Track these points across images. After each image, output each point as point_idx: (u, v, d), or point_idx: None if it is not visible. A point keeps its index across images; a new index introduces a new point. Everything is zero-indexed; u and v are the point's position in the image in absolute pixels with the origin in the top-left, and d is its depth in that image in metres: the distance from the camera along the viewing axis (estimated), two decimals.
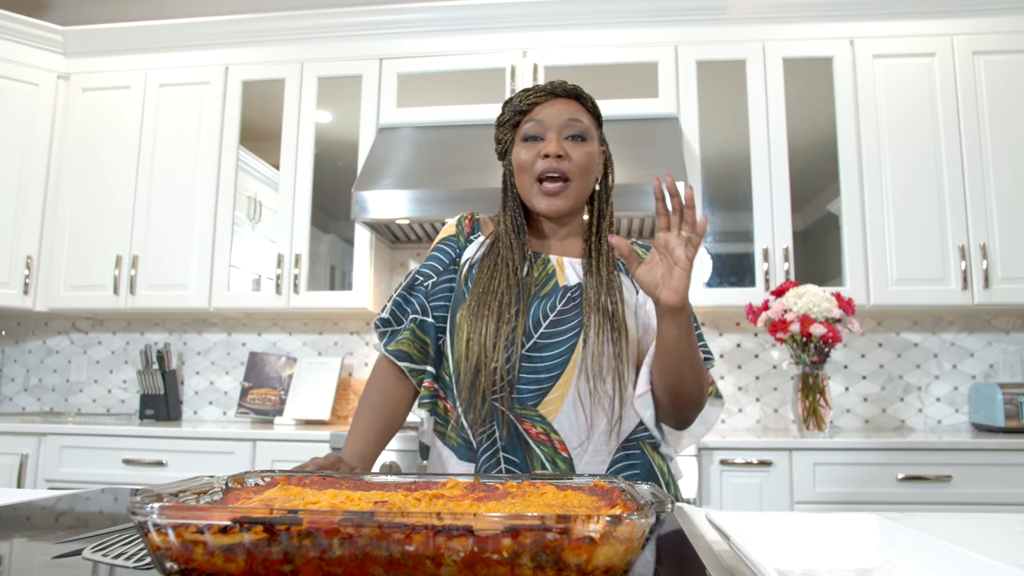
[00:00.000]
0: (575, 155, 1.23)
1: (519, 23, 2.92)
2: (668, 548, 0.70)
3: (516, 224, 1.29)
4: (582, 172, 1.24)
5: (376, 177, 2.70)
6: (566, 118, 1.24)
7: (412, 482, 0.71)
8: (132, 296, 2.97)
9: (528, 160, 1.24)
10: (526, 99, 1.27)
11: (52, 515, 0.88)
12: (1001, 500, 2.24)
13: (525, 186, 1.26)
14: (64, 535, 0.70)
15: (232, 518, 0.49)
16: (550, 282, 1.24)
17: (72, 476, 2.58)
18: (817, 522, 0.76)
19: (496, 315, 1.19)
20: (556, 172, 1.22)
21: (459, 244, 1.34)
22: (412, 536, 0.48)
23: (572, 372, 1.18)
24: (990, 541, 0.79)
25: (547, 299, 1.22)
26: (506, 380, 1.17)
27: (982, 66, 2.73)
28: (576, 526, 0.48)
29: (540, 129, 1.24)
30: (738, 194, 2.76)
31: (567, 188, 1.23)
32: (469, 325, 1.20)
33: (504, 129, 1.31)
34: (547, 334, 1.20)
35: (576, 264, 1.27)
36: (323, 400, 2.93)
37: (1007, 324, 2.92)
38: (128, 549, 0.64)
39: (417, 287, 1.30)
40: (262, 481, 0.70)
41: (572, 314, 1.20)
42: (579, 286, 1.23)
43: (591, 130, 1.27)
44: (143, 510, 0.50)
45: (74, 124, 3.12)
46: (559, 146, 1.22)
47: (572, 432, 1.17)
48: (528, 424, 1.17)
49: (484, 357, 1.17)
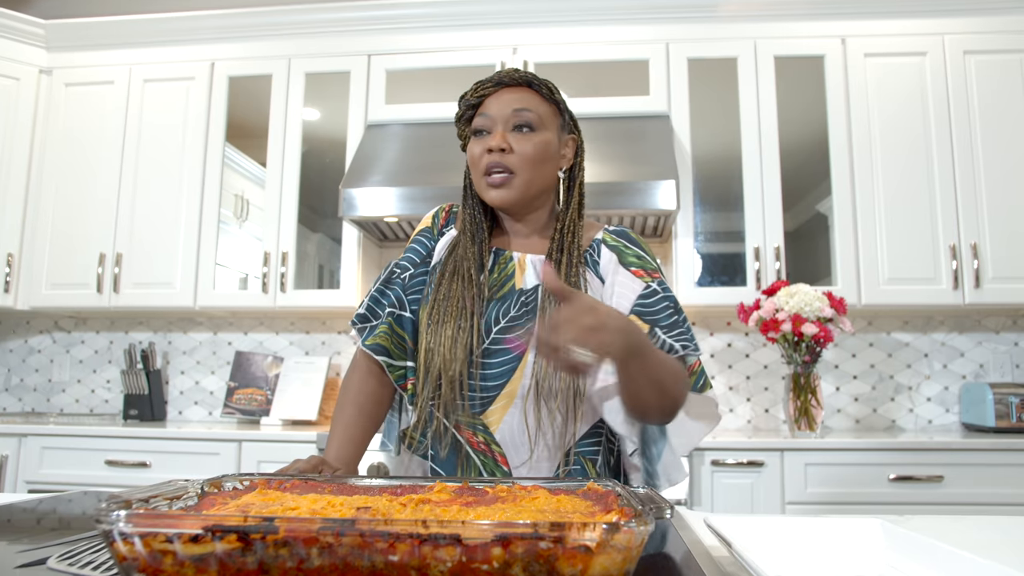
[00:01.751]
0: (519, 147, 1.17)
1: (509, 20, 2.89)
2: (667, 555, 0.67)
3: (475, 221, 1.24)
4: (527, 163, 1.17)
5: (364, 174, 2.66)
6: (511, 109, 1.18)
7: (398, 486, 0.68)
8: (116, 295, 2.92)
9: (476, 155, 1.20)
10: (475, 93, 1.23)
11: (33, 518, 0.84)
12: (992, 500, 2.23)
13: (477, 180, 1.21)
14: (29, 542, 0.67)
15: (204, 526, 0.45)
16: (507, 284, 1.19)
17: (53, 478, 2.53)
18: (819, 527, 0.73)
19: (454, 321, 1.15)
20: (499, 166, 1.17)
21: (433, 236, 1.30)
22: (396, 545, 0.45)
23: (518, 380, 1.13)
24: (993, 544, 0.77)
25: (502, 302, 1.17)
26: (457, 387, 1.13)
27: (973, 65, 2.72)
28: (571, 534, 0.45)
29: (487, 123, 1.20)
30: (729, 193, 2.75)
31: (511, 180, 1.17)
32: (430, 332, 1.17)
33: (461, 124, 1.27)
34: (497, 340, 1.15)
35: (538, 262, 1.21)
36: (310, 400, 2.89)
37: (997, 324, 2.91)
38: (97, 557, 0.60)
39: (394, 280, 1.26)
40: (240, 485, 0.66)
41: (524, 320, 1.15)
42: (535, 289, 1.18)
43: (543, 119, 1.20)
44: (108, 518, 0.46)
45: (56, 119, 3.06)
46: (502, 139, 1.16)
47: (512, 445, 1.12)
48: (469, 433, 1.13)
49: (443, 365, 1.13)
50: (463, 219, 1.26)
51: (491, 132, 1.19)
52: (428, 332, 1.17)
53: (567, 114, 1.26)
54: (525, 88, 1.21)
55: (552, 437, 1.12)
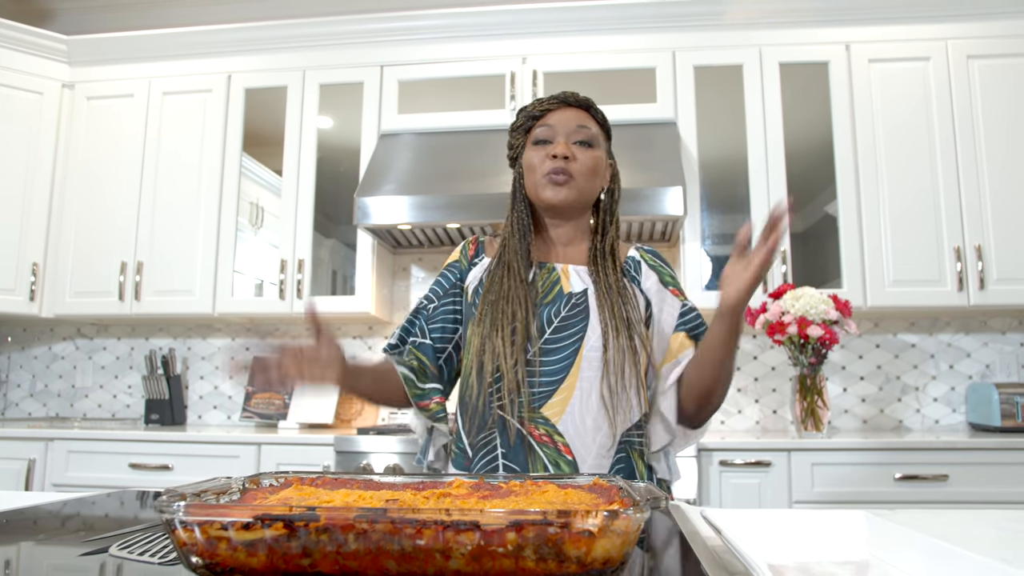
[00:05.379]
0: (581, 157, 1.30)
1: (519, 30, 2.95)
2: (665, 544, 0.73)
3: (523, 226, 1.34)
4: (587, 173, 1.30)
5: (378, 183, 2.73)
6: (575, 124, 1.31)
7: (419, 482, 0.75)
8: (137, 302, 3.00)
9: (537, 161, 1.31)
10: (539, 106, 1.34)
11: (78, 518, 0.91)
12: (997, 499, 2.27)
13: (532, 183, 1.32)
14: (86, 535, 0.73)
15: (254, 515, 0.52)
16: (555, 288, 1.29)
17: (79, 480, 2.61)
18: (808, 518, 0.79)
19: (509, 320, 1.24)
20: (562, 171, 1.28)
21: (462, 268, 1.39)
22: (423, 531, 0.52)
23: (576, 375, 1.22)
24: (972, 536, 0.82)
25: (552, 305, 1.27)
26: (516, 384, 1.21)
27: (976, 70, 2.76)
28: (576, 520, 0.52)
29: (550, 133, 1.31)
30: (735, 197, 2.80)
31: (571, 182, 1.29)
32: (482, 331, 1.25)
33: (517, 134, 1.38)
34: (551, 339, 1.25)
35: (581, 271, 1.32)
36: (326, 404, 2.96)
37: (1003, 325, 2.95)
38: (151, 547, 0.67)
39: (420, 311, 1.38)
40: (276, 482, 0.73)
41: (576, 319, 1.26)
42: (584, 292, 1.28)
43: (598, 138, 1.33)
44: (170, 508, 0.53)
45: (78, 132, 3.15)
46: (567, 148, 1.29)
47: (576, 434, 1.21)
48: (532, 427, 1.21)
49: (498, 361, 1.22)
50: (510, 221, 1.36)
51: (553, 142, 1.31)
52: (480, 331, 1.26)
53: (610, 142, 1.39)
54: (585, 110, 1.35)
55: (610, 426, 1.23)
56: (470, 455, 1.26)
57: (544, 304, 1.27)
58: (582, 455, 1.21)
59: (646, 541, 0.74)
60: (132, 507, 0.99)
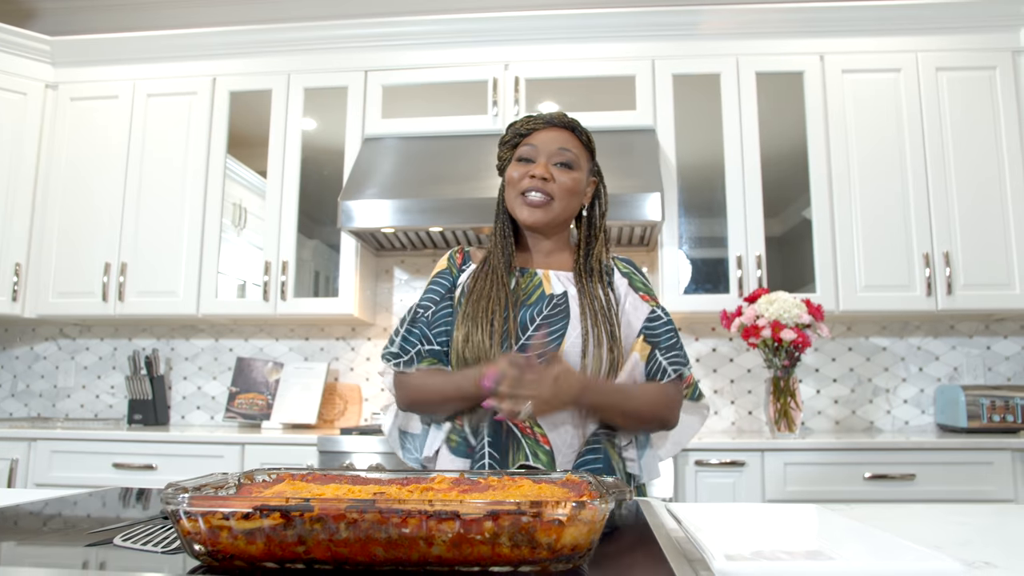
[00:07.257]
0: (560, 179, 1.38)
1: (501, 37, 3.00)
2: (630, 534, 0.79)
3: (505, 235, 1.43)
4: (564, 194, 1.38)
5: (361, 187, 2.77)
6: (557, 146, 1.39)
7: (404, 478, 0.80)
8: (120, 303, 3.02)
9: (517, 177, 1.39)
10: (526, 124, 1.43)
11: (85, 512, 0.95)
12: (962, 497, 2.34)
13: (511, 198, 1.41)
14: (89, 527, 0.78)
15: (253, 506, 0.57)
16: (537, 291, 1.38)
17: (63, 480, 2.62)
18: (764, 511, 0.85)
19: (489, 319, 1.32)
20: (540, 191, 1.36)
21: (453, 276, 1.46)
22: (408, 520, 0.57)
23: None
24: (918, 528, 0.88)
25: (535, 306, 1.35)
26: None
27: (944, 82, 2.85)
28: (547, 510, 0.57)
29: (533, 152, 1.39)
30: (713, 203, 2.87)
31: (549, 204, 1.37)
32: (466, 329, 1.33)
33: (504, 148, 1.46)
34: (533, 336, 1.32)
35: (562, 276, 1.40)
36: (309, 404, 2.99)
37: (970, 328, 3.04)
38: (153, 538, 0.72)
39: (419, 319, 1.42)
40: (269, 478, 0.79)
41: (557, 318, 1.34)
42: (564, 294, 1.36)
43: (579, 160, 1.41)
44: (175, 500, 0.58)
45: (62, 133, 3.16)
46: (546, 170, 1.37)
47: (551, 426, 1.30)
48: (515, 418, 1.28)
49: (480, 355, 1.30)
50: (495, 231, 1.45)
51: (535, 161, 1.39)
52: (463, 328, 1.34)
53: (594, 161, 1.47)
54: (569, 131, 1.43)
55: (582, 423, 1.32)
56: (473, 444, 1.34)
57: (526, 305, 1.36)
58: (558, 445, 1.30)
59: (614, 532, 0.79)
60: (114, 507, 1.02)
